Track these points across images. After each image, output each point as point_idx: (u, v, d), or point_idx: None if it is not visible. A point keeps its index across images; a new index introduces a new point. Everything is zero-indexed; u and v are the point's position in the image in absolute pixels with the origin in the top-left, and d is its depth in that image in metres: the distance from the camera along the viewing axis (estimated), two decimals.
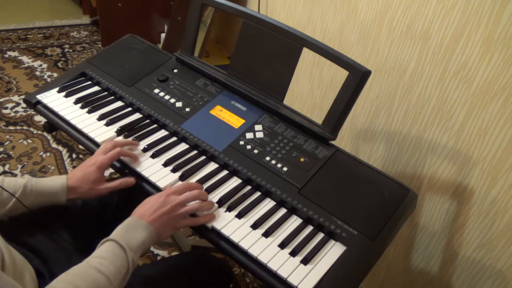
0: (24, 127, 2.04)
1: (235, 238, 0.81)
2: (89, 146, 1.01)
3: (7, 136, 1.98)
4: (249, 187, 0.92)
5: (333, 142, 0.98)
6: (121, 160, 0.95)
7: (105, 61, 1.19)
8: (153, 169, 0.94)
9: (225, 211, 0.86)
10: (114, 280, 0.71)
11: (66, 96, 1.11)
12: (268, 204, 0.89)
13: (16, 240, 0.82)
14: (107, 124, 1.04)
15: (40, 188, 0.85)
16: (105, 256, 0.72)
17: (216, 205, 0.87)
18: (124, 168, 0.95)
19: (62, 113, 1.06)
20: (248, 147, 0.97)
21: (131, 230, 0.77)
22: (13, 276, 0.69)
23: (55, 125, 1.07)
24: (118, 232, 0.76)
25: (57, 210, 0.94)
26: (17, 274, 0.72)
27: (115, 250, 0.73)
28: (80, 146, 1.92)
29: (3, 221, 0.86)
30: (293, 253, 0.79)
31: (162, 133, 1.04)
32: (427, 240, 1.20)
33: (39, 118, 2.09)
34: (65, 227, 0.94)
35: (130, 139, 1.00)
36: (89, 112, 1.07)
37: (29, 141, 1.97)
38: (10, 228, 0.84)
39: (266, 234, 0.82)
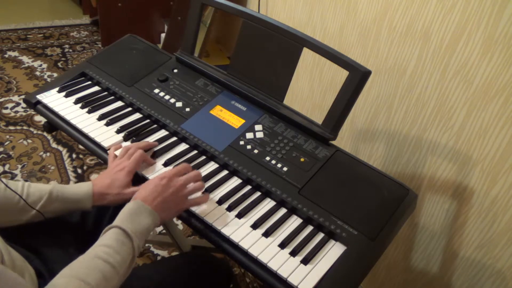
0: (24, 127, 2.04)
1: (235, 238, 0.81)
2: (89, 146, 1.01)
3: (7, 136, 1.98)
4: (249, 187, 0.92)
5: (333, 142, 0.98)
6: None
7: (105, 61, 1.19)
8: (154, 169, 0.94)
9: (225, 211, 0.86)
10: (120, 269, 0.70)
11: (66, 96, 1.11)
12: (268, 204, 0.89)
13: (16, 241, 0.81)
14: (107, 124, 1.04)
15: (66, 194, 0.85)
16: (110, 244, 0.71)
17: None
18: None
19: (62, 113, 1.06)
20: (248, 147, 0.97)
21: (136, 216, 0.76)
22: None
23: (55, 125, 1.07)
24: (122, 218, 0.75)
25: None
26: None
27: (120, 237, 0.72)
28: (80, 146, 1.92)
29: None
30: (293, 253, 0.79)
31: (162, 133, 1.04)
32: (427, 240, 1.20)
33: (39, 118, 2.09)
34: (66, 228, 0.94)
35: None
36: (89, 112, 1.07)
37: (29, 141, 1.97)
38: (10, 229, 0.84)
39: (266, 234, 0.82)
